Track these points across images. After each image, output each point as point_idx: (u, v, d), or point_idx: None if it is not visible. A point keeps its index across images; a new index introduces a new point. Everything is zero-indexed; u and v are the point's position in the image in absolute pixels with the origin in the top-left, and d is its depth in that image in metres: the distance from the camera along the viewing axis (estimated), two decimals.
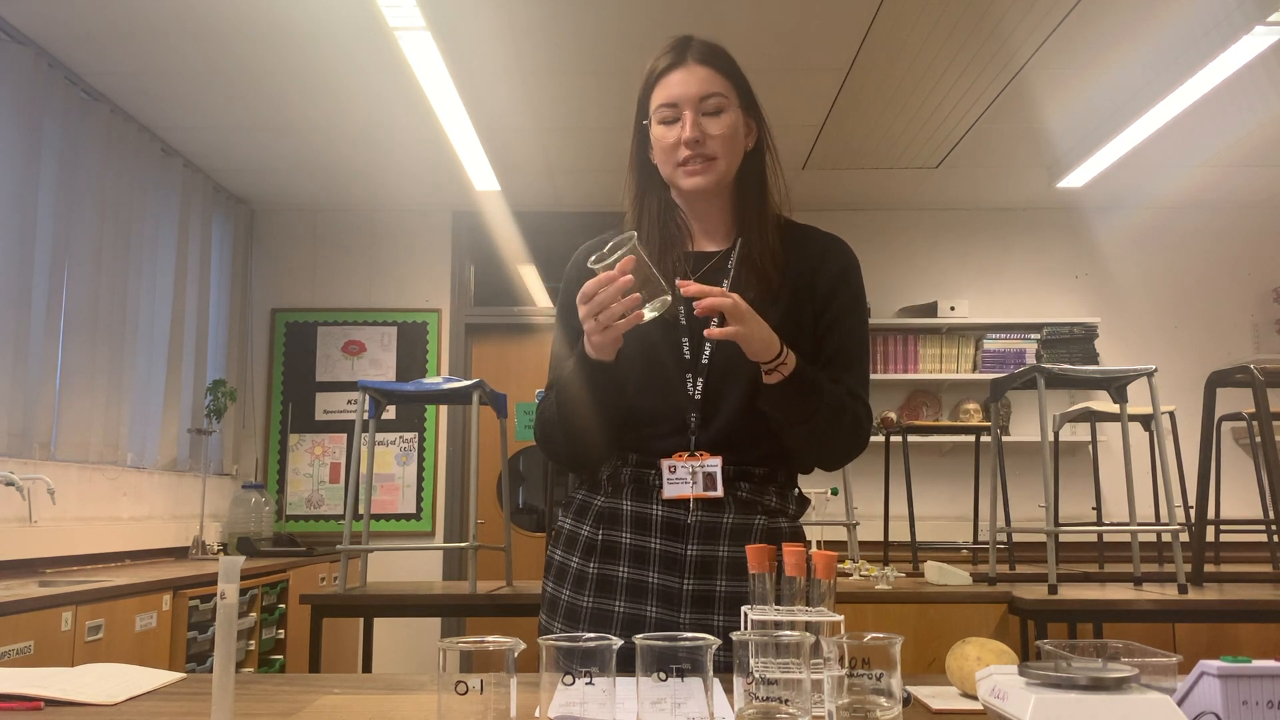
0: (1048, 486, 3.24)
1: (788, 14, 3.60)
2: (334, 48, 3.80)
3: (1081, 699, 0.90)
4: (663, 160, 1.50)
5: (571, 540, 1.52)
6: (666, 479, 1.45)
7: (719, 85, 1.48)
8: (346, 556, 3.29)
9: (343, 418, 5.61)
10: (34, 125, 3.70)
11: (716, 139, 1.46)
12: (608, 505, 1.49)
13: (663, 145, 1.49)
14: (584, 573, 1.49)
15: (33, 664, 2.53)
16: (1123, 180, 5.21)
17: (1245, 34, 3.56)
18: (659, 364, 1.48)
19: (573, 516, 1.54)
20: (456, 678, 0.90)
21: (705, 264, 1.53)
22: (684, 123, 1.45)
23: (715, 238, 1.56)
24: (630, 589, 1.46)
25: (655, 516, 1.46)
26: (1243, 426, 4.73)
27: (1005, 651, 1.17)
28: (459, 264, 5.79)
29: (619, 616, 1.45)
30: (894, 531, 4.33)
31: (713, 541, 1.45)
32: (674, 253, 1.52)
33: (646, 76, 1.51)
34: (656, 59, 1.51)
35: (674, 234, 1.54)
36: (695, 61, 1.48)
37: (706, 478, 1.45)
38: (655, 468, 1.47)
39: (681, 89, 1.46)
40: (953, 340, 5.62)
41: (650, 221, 1.54)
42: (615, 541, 1.48)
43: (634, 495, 1.48)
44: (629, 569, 1.46)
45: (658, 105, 1.48)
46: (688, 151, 1.46)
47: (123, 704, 1.17)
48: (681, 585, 1.45)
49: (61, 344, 3.89)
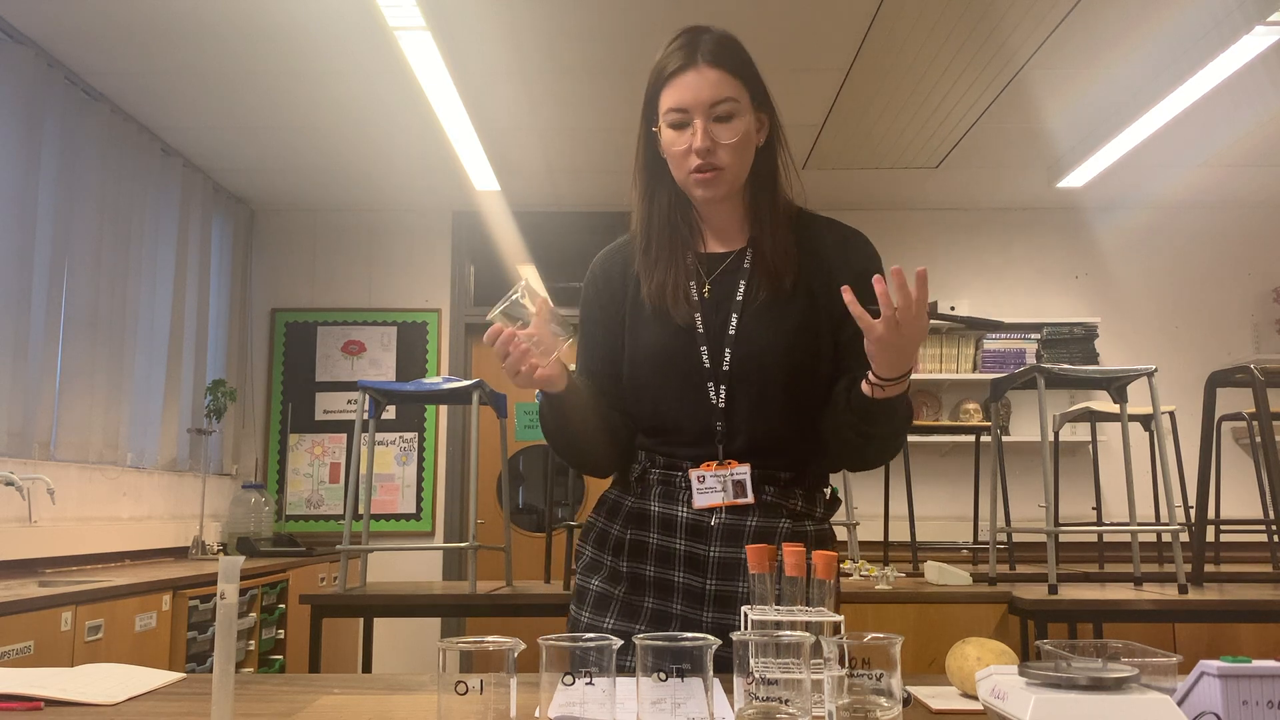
0: (1048, 486, 3.24)
1: (788, 14, 3.60)
2: (334, 48, 3.80)
3: (1081, 699, 0.90)
4: (674, 165, 1.48)
5: (602, 538, 1.55)
6: (696, 489, 1.46)
7: (730, 89, 1.44)
8: (346, 556, 3.29)
9: (343, 418, 5.61)
10: (34, 125, 3.70)
11: (727, 148, 1.44)
12: (637, 506, 1.51)
13: (672, 152, 1.47)
14: (617, 569, 1.52)
15: (33, 664, 2.53)
16: (1123, 180, 5.21)
17: (1245, 34, 3.56)
18: (679, 373, 1.48)
19: (605, 515, 1.56)
20: (456, 678, 0.90)
21: (717, 266, 1.52)
22: (695, 131, 1.42)
23: (728, 236, 1.54)
24: (658, 586, 1.48)
25: (681, 519, 1.48)
26: (1243, 426, 4.73)
27: (1005, 651, 1.17)
28: (459, 264, 5.79)
29: (647, 611, 1.48)
30: (894, 531, 4.33)
31: (736, 544, 1.45)
32: (685, 254, 1.51)
33: (656, 73, 1.47)
34: (666, 55, 1.46)
35: (685, 235, 1.53)
36: (706, 63, 1.43)
37: (736, 485, 1.46)
38: (682, 470, 1.48)
39: (692, 94, 1.43)
40: (953, 340, 5.62)
41: (660, 219, 1.52)
42: (643, 541, 1.50)
43: (661, 498, 1.50)
44: (655, 568, 1.49)
45: (667, 109, 1.45)
46: (698, 160, 1.44)
47: (122, 704, 1.17)
48: (705, 585, 1.46)
49: (61, 344, 3.89)
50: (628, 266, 1.56)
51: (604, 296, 1.57)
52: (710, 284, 1.51)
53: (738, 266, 1.51)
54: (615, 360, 1.55)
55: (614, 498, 1.57)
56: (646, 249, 1.52)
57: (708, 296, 1.50)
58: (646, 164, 1.53)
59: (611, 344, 1.55)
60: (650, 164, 1.53)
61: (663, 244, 1.51)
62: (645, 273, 1.52)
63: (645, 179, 1.53)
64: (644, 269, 1.52)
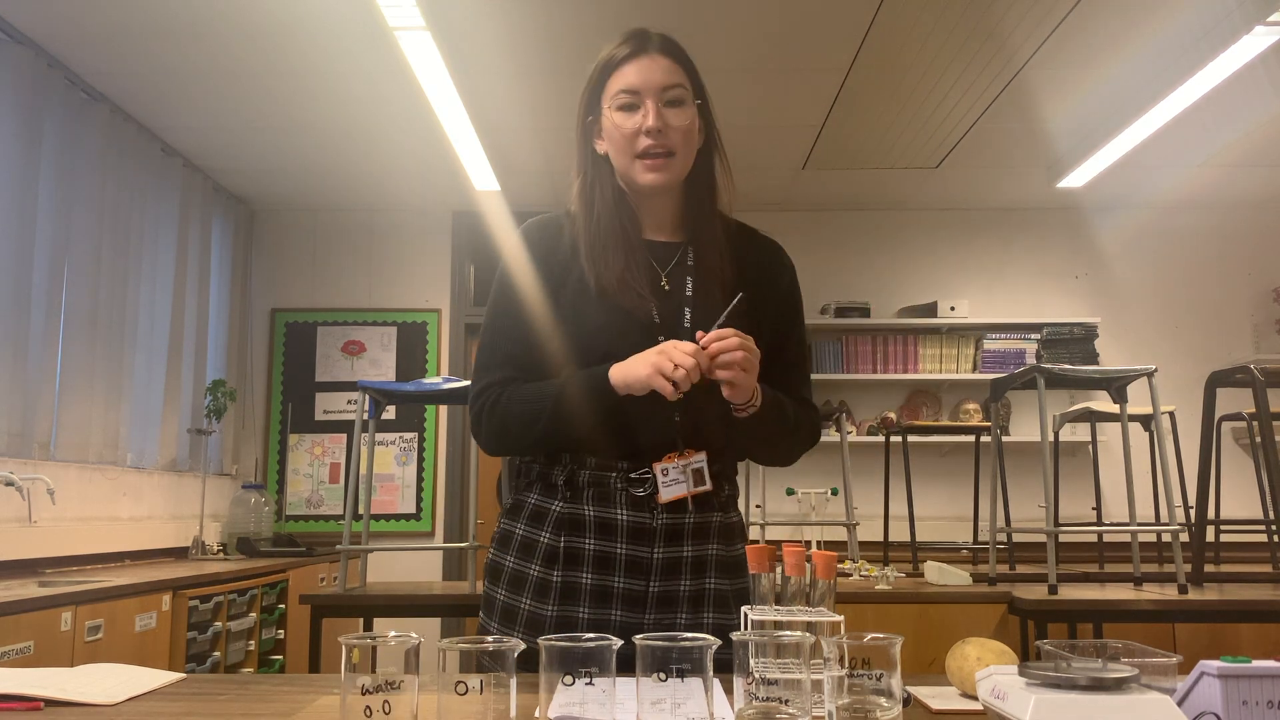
0: (1048, 486, 3.24)
1: (788, 14, 3.60)
2: (334, 48, 3.80)
3: (1081, 699, 0.90)
4: (619, 149, 1.47)
5: (528, 547, 1.47)
6: (661, 482, 1.44)
7: (680, 77, 1.46)
8: (346, 557, 3.29)
9: (342, 418, 5.61)
10: (34, 125, 3.70)
11: (677, 130, 1.45)
12: (568, 511, 1.46)
13: (622, 133, 1.45)
14: (546, 581, 1.45)
15: (32, 664, 2.53)
16: (1123, 180, 5.21)
17: (1245, 34, 3.56)
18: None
19: (526, 523, 1.49)
20: (456, 678, 0.90)
21: (661, 254, 1.51)
22: (646, 111, 1.43)
23: (664, 230, 1.54)
24: (595, 595, 1.44)
25: (620, 521, 1.44)
26: (1243, 426, 4.73)
27: (1005, 651, 1.17)
28: (459, 264, 5.79)
29: (583, 622, 1.43)
30: (894, 531, 4.33)
31: (677, 543, 1.45)
32: (636, 245, 1.49)
33: (602, 65, 1.48)
34: (614, 48, 1.48)
35: (629, 225, 1.50)
36: (657, 51, 1.46)
37: (695, 474, 1.45)
38: (616, 470, 1.44)
39: (644, 76, 1.44)
40: (953, 340, 5.62)
41: (606, 208, 1.49)
42: (578, 548, 1.45)
43: (595, 500, 1.45)
44: (593, 575, 1.44)
45: (617, 91, 1.45)
46: (649, 141, 1.44)
47: (122, 704, 1.17)
48: (647, 588, 1.44)
49: (61, 344, 3.89)
50: (565, 244, 1.51)
51: (544, 269, 1.50)
52: (666, 277, 1.50)
53: (684, 260, 1.51)
54: (539, 340, 1.48)
55: (535, 503, 1.49)
56: (595, 237, 1.48)
57: (667, 290, 1.49)
58: (589, 158, 1.53)
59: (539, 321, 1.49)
60: (591, 157, 1.52)
61: (613, 232, 1.48)
62: (596, 260, 1.47)
63: (586, 172, 1.52)
64: (593, 257, 1.47)
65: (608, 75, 1.48)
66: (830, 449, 4.23)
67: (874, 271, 5.76)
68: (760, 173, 5.21)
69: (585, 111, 1.51)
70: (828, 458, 5.41)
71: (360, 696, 0.90)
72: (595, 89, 1.49)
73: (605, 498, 1.45)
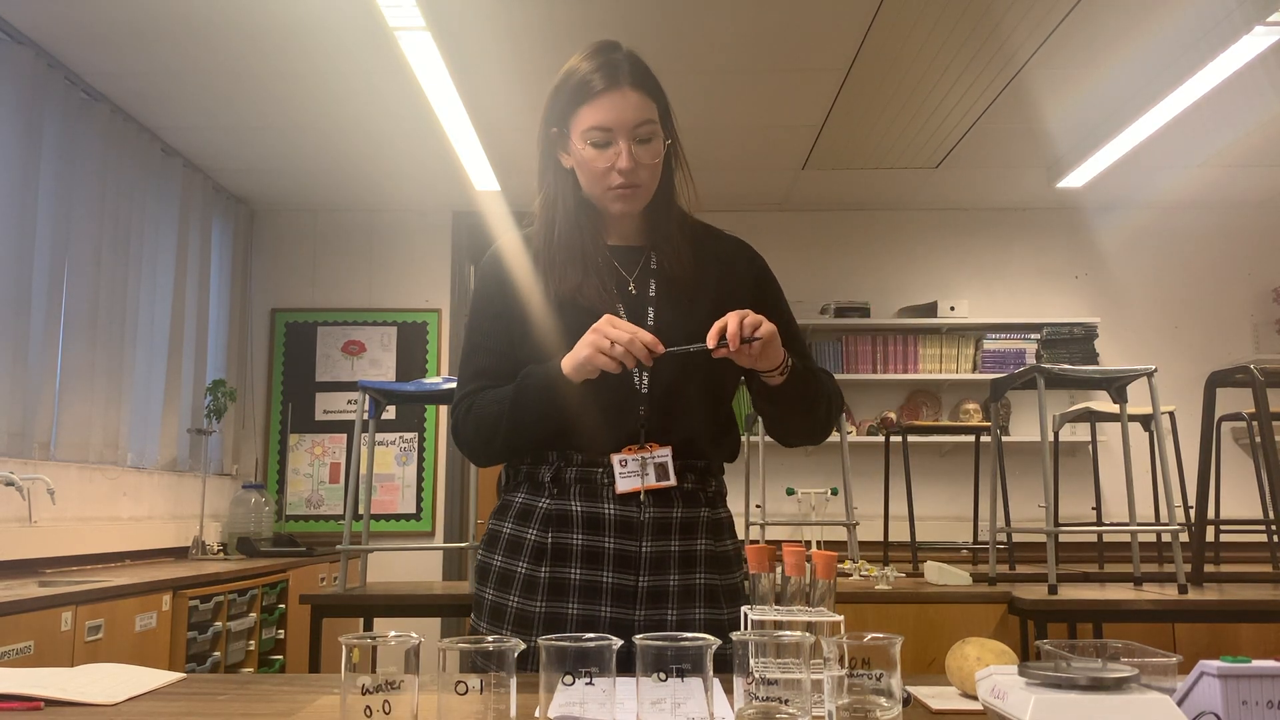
0: (1047, 486, 3.24)
1: (788, 14, 3.60)
2: (334, 48, 3.80)
3: (1081, 699, 0.90)
4: (590, 180, 1.50)
5: (515, 545, 1.49)
6: (618, 473, 1.45)
7: (649, 111, 1.48)
8: (346, 557, 3.29)
9: (343, 418, 5.61)
10: (34, 125, 3.70)
11: (647, 168, 1.49)
12: (555, 507, 1.48)
13: (593, 169, 1.48)
14: (534, 578, 1.47)
15: (33, 664, 2.53)
16: (1123, 180, 5.21)
17: (1245, 34, 3.56)
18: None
19: (513, 521, 1.51)
20: (456, 678, 0.91)
21: (625, 259, 1.56)
22: (620, 152, 1.46)
23: (627, 236, 1.58)
24: (584, 590, 1.45)
25: (608, 516, 1.46)
26: (1243, 426, 4.73)
27: (1005, 651, 1.17)
28: (459, 264, 5.79)
29: (573, 618, 1.44)
30: (894, 531, 4.33)
31: (665, 537, 1.46)
32: (597, 253, 1.53)
33: (572, 90, 1.48)
34: (587, 75, 1.47)
35: (591, 234, 1.54)
36: (629, 85, 1.47)
37: (658, 468, 1.46)
38: (603, 465, 1.47)
39: (617, 115, 1.46)
40: (953, 340, 5.62)
41: (565, 224, 1.53)
42: (566, 544, 1.46)
43: (583, 495, 1.47)
44: (582, 570, 1.45)
45: (589, 127, 1.46)
46: (620, 180, 1.47)
47: (122, 704, 1.17)
48: (636, 582, 1.45)
49: (61, 344, 3.89)
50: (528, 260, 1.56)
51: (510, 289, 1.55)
52: (634, 281, 1.54)
53: (647, 265, 1.55)
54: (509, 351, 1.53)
55: (521, 501, 1.51)
56: (555, 251, 1.52)
57: (634, 293, 1.53)
58: (552, 168, 1.54)
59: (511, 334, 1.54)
60: (557, 166, 1.54)
61: (572, 244, 1.52)
62: (553, 273, 1.51)
63: (549, 182, 1.55)
64: (550, 268, 1.52)
65: (578, 104, 1.47)
66: (830, 449, 4.23)
67: (874, 271, 5.76)
68: (760, 173, 5.21)
69: (549, 122, 1.52)
70: (828, 458, 5.43)
71: (360, 696, 0.90)
72: (564, 110, 1.49)
73: (592, 493, 1.47)
